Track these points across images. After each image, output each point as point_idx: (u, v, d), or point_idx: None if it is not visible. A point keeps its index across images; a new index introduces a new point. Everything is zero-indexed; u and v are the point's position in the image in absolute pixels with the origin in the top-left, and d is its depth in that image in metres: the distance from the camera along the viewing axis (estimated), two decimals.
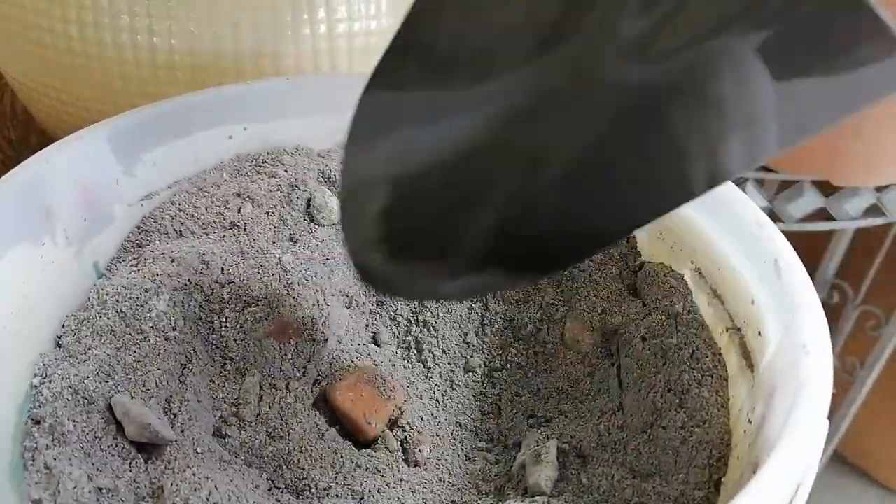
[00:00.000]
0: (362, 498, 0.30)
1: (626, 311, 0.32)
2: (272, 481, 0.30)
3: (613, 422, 0.29)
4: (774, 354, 0.25)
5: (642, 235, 0.34)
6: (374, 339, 0.36)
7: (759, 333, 0.26)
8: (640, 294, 0.32)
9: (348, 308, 0.35)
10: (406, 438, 0.32)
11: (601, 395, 0.31)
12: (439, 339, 0.35)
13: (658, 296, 0.31)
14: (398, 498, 0.30)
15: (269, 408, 0.31)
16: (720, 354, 0.28)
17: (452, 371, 0.35)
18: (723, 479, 0.25)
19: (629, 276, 0.33)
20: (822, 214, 0.56)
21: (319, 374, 0.33)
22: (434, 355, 0.35)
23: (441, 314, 0.35)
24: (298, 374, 0.32)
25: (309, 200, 0.35)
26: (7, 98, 0.56)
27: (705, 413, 0.26)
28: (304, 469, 0.30)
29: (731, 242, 0.29)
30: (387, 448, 0.32)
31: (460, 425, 0.33)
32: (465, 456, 0.32)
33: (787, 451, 0.20)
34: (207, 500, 0.25)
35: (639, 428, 0.28)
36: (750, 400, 0.26)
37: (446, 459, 0.32)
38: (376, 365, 0.34)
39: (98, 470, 0.26)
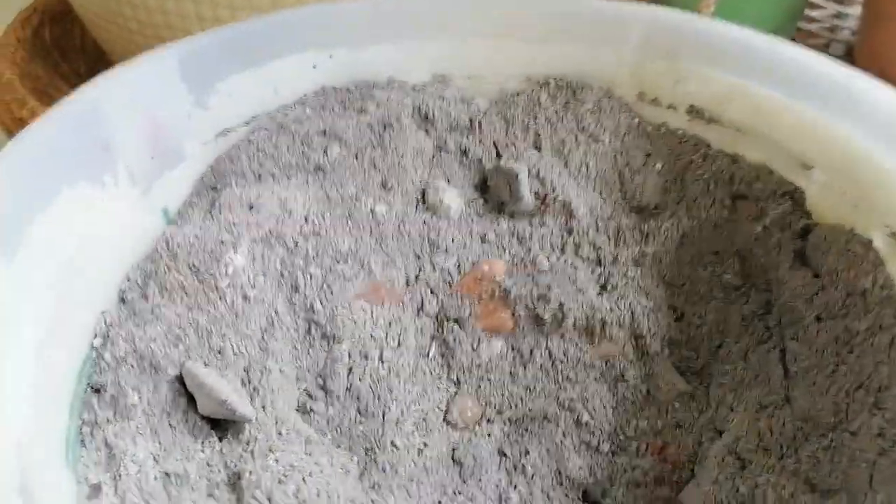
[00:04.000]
0: (464, 481, 0.26)
1: (789, 280, 0.26)
2: (364, 465, 0.26)
3: (778, 418, 0.24)
4: None
5: (814, 189, 0.27)
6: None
7: None
8: (809, 263, 0.26)
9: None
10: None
11: (760, 383, 0.25)
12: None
13: (837, 266, 0.25)
14: (500, 485, 0.26)
15: (360, 380, 0.27)
16: None
17: None
18: None
19: (794, 240, 0.27)
20: None
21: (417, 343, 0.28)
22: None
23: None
24: (393, 343, 0.28)
25: (423, 193, 0.31)
26: (76, 31, 0.53)
27: None
28: (399, 451, 0.26)
29: None
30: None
31: None
32: None
33: None
34: (296, 496, 0.21)
35: (815, 430, 0.23)
36: None
37: None
38: None
39: (165, 451, 0.22)
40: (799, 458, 0.22)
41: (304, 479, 0.22)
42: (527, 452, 0.27)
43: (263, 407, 0.24)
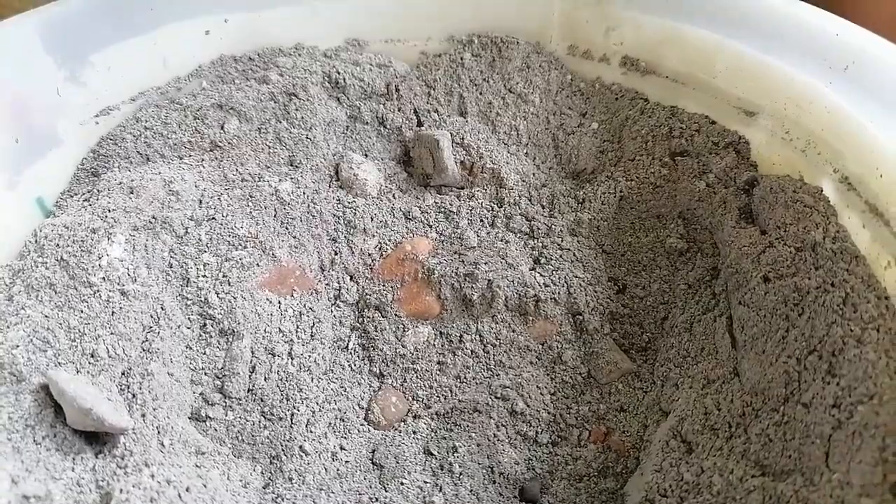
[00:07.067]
0: (384, 486, 0.24)
1: (735, 240, 0.23)
2: (269, 475, 0.23)
3: (726, 394, 0.21)
4: None
5: (758, 137, 0.25)
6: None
7: None
8: (756, 219, 0.24)
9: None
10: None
11: (706, 356, 0.23)
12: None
13: (785, 219, 0.22)
14: (425, 487, 0.23)
15: (265, 380, 0.24)
16: (888, 298, 0.20)
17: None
18: None
19: (739, 196, 0.25)
20: None
21: (337, 336, 0.26)
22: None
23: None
24: (305, 336, 0.25)
25: (337, 169, 0.28)
26: None
27: (871, 384, 0.18)
28: (310, 457, 0.23)
29: None
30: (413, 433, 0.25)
31: None
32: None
33: None
34: None
35: (766, 405, 0.20)
36: None
37: None
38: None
39: (27, 471, 0.19)
40: (749, 438, 0.20)
41: (179, 495, 0.19)
42: (455, 449, 0.24)
43: (144, 416, 0.21)
